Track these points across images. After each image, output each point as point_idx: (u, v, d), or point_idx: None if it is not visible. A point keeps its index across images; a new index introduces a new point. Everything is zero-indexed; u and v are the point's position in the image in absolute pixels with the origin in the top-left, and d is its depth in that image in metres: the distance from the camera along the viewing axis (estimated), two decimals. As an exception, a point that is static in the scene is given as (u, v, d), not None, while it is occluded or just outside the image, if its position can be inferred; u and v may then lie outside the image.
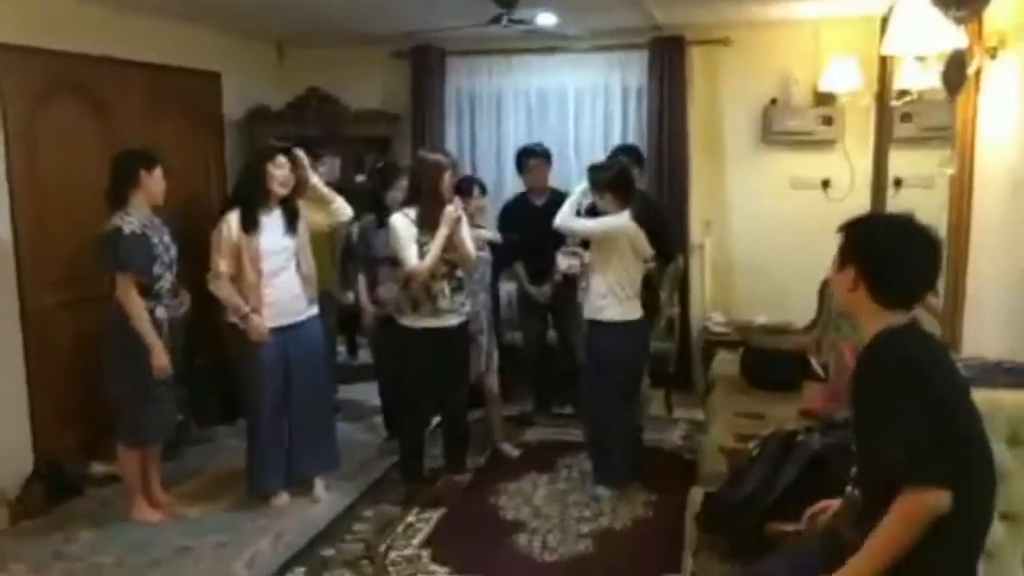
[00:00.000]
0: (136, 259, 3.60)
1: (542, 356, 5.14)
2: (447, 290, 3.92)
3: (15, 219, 3.98)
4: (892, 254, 1.89)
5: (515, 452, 4.61)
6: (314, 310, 3.99)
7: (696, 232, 5.61)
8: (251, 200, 3.78)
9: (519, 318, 5.15)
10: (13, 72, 3.93)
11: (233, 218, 3.76)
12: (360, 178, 5.91)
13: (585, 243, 4.17)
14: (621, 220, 3.89)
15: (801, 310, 4.81)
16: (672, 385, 5.27)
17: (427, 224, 3.86)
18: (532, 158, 4.72)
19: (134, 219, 3.64)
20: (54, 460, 4.07)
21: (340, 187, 5.32)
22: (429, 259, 3.82)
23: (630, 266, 3.94)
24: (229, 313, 3.84)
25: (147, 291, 3.65)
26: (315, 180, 4.04)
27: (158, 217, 3.84)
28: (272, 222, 3.81)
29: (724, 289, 5.64)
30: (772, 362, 4.10)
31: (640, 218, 3.94)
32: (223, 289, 3.76)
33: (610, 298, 3.90)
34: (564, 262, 4.40)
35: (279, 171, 3.80)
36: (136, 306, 3.59)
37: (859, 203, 4.92)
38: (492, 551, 3.56)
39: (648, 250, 3.98)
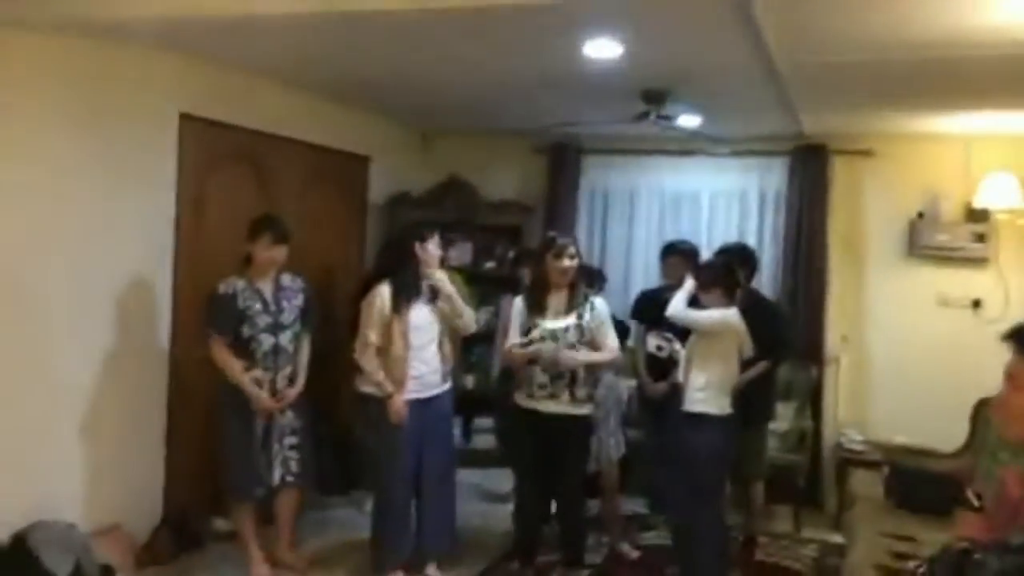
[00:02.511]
0: (216, 319, 3.80)
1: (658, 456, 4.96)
2: (540, 377, 3.88)
3: (176, 274, 4.21)
4: None
5: (634, 554, 4.42)
6: (448, 385, 4.01)
7: (832, 345, 5.41)
8: (404, 277, 3.86)
9: (637, 414, 5.02)
10: (190, 141, 4.23)
11: (385, 291, 3.83)
12: (489, 264, 6.04)
13: (685, 334, 4.10)
14: (733, 315, 3.87)
15: (943, 434, 4.52)
16: (800, 502, 4.99)
17: (535, 306, 3.91)
18: (672, 255, 4.69)
19: (239, 281, 3.83)
20: (182, 512, 4.15)
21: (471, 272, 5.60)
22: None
23: (732, 362, 3.90)
24: (364, 384, 3.90)
25: (237, 351, 3.80)
26: (450, 290, 4.01)
27: (297, 279, 4.00)
28: (418, 298, 3.88)
29: (859, 405, 5.37)
30: (923, 485, 3.83)
31: (747, 316, 3.92)
32: (371, 362, 3.80)
33: (709, 391, 3.84)
34: (653, 342, 4.39)
35: (431, 254, 3.90)
36: (223, 360, 3.78)
37: (1015, 325, 4.65)
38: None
39: (750, 349, 3.94)
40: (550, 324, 3.88)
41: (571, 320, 3.89)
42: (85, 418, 3.81)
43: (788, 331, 4.77)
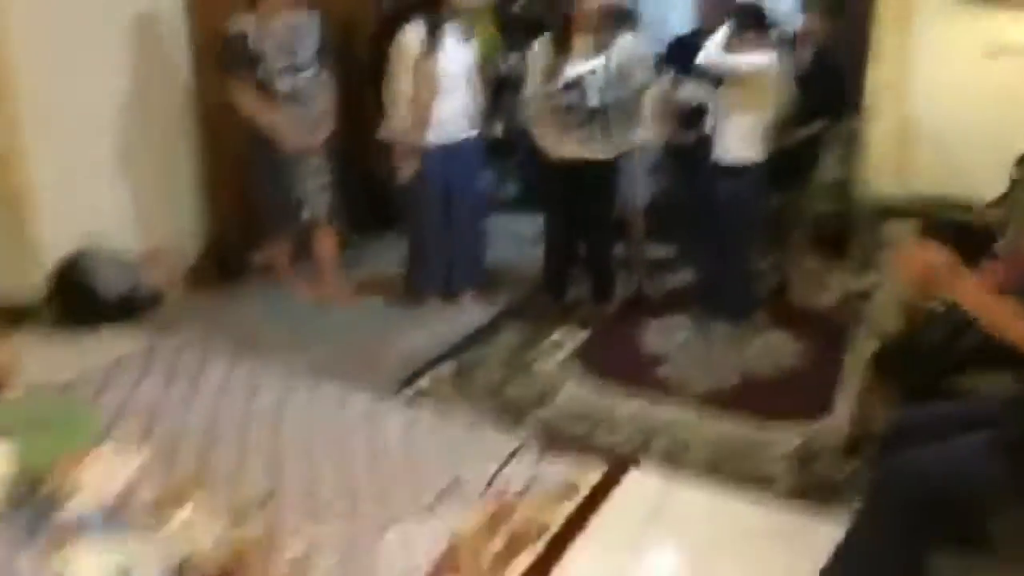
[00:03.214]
0: (231, 61, 3.70)
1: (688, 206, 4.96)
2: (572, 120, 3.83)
3: (191, 16, 4.05)
4: None
5: (660, 293, 4.54)
6: (475, 131, 3.97)
7: (873, 94, 5.18)
8: (433, 14, 3.69)
9: (665, 162, 4.97)
10: None
11: (413, 32, 3.67)
12: (518, 4, 5.71)
13: (717, 83, 3.96)
14: (768, 60, 3.75)
15: (985, 187, 4.42)
16: (833, 248, 4.99)
17: (560, 51, 3.80)
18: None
19: (248, 21, 3.66)
20: (222, 247, 4.29)
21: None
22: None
23: (765, 110, 3.82)
24: (388, 131, 3.85)
25: (258, 95, 3.72)
26: None
27: (312, 16, 3.84)
28: (449, 38, 3.74)
29: (898, 155, 5.23)
30: (954, 236, 3.80)
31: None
32: (406, 115, 3.71)
33: (741, 140, 3.80)
34: (684, 90, 4.27)
35: None
36: (246, 102, 3.71)
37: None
38: (635, 376, 3.59)
39: (786, 96, 3.86)
40: (575, 68, 3.76)
41: (599, 61, 3.78)
42: (120, 155, 3.85)
43: (845, 91, 4.64)
